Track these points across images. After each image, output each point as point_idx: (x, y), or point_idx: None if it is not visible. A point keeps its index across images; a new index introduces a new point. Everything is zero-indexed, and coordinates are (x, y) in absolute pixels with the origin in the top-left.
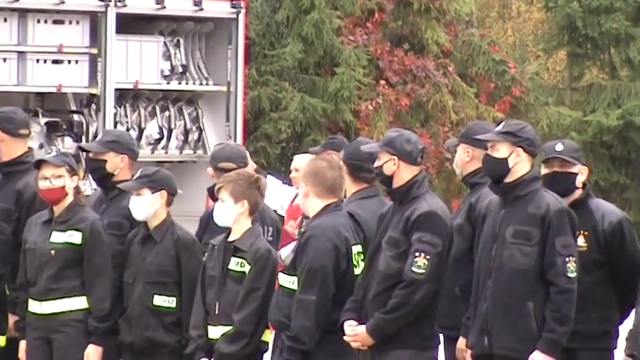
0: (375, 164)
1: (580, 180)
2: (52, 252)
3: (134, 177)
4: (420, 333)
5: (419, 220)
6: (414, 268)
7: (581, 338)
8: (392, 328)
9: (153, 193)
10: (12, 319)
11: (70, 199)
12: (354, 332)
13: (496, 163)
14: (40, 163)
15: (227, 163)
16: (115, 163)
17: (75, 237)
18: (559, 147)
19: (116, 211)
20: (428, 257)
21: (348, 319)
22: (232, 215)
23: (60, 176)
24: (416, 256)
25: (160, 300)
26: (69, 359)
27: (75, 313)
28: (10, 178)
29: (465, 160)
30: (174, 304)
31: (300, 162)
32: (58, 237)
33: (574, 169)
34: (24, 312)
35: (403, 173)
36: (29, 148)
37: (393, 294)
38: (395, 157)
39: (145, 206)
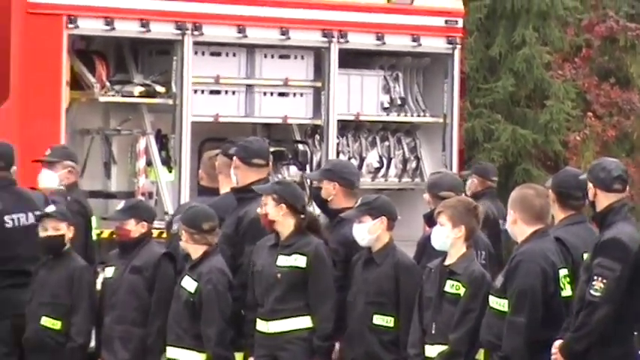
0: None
1: None
2: (278, 275)
3: (355, 205)
4: (607, 353)
5: (602, 246)
6: (591, 291)
7: None
8: (577, 346)
9: (373, 219)
10: None
11: (292, 224)
12: (555, 350)
13: None
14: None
15: (448, 192)
16: (328, 190)
17: (300, 261)
18: None
19: (333, 237)
20: (604, 281)
21: (557, 339)
22: (450, 239)
23: (265, 203)
24: (594, 280)
25: (379, 319)
26: None
27: (300, 332)
28: (240, 203)
29: None
30: (392, 324)
31: None
32: (283, 261)
33: None
34: (252, 331)
35: (601, 199)
36: (265, 176)
37: (580, 315)
38: (591, 185)
39: (367, 232)
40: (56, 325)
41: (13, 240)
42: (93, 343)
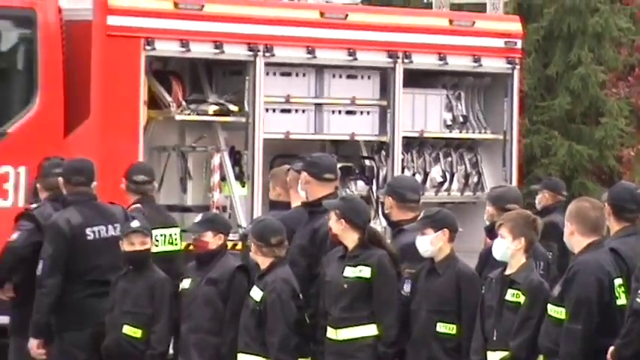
0: None
1: None
2: (345, 285)
3: (418, 218)
4: None
5: None
6: (637, 299)
7: None
8: (625, 352)
9: (436, 231)
10: None
11: (355, 238)
12: (609, 357)
13: None
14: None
15: (513, 204)
16: (386, 204)
17: (364, 272)
18: None
19: (393, 247)
20: None
21: (612, 345)
22: (510, 251)
23: (330, 218)
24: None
25: (442, 327)
26: None
27: (366, 340)
28: (312, 217)
29: None
30: (454, 331)
31: None
32: (349, 272)
33: None
34: (323, 338)
35: None
36: (334, 190)
37: (627, 322)
38: None
39: (429, 244)
40: (137, 333)
41: (93, 251)
42: (171, 351)
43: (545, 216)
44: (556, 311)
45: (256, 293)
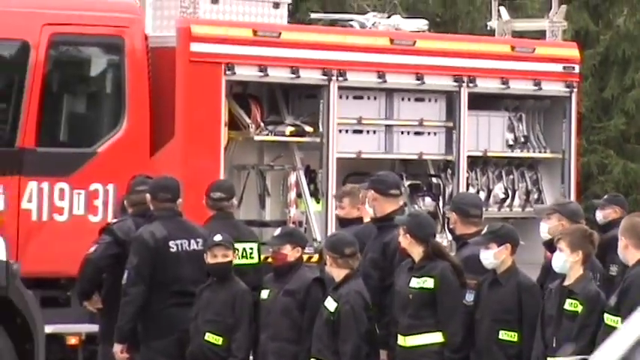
0: None
1: None
2: (410, 296)
3: (482, 232)
4: None
5: None
6: None
7: None
8: None
9: (499, 246)
10: (382, 354)
11: (420, 251)
12: None
13: None
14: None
15: (579, 218)
16: (452, 219)
17: (428, 282)
18: None
19: (457, 259)
20: None
21: None
22: (568, 263)
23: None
24: None
25: (504, 334)
26: None
27: (432, 347)
28: (381, 232)
29: None
30: (516, 339)
31: None
32: (415, 282)
33: None
34: (394, 345)
35: None
36: (401, 205)
37: None
38: None
39: (492, 257)
40: (218, 340)
41: (176, 263)
42: (251, 358)
43: (608, 230)
44: (612, 320)
45: (330, 304)
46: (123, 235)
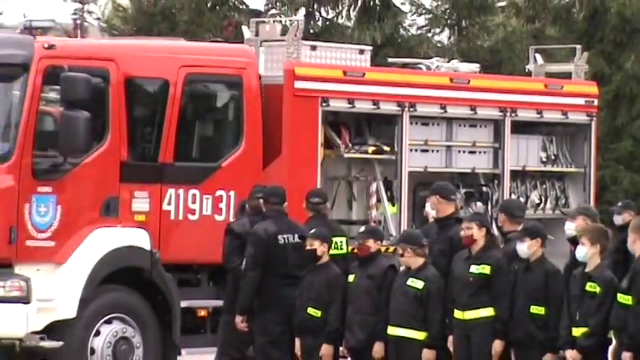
0: None
1: None
2: (470, 279)
3: (519, 229)
4: None
5: None
6: None
7: None
8: None
9: (531, 240)
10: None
11: (483, 242)
12: None
13: None
14: (459, 220)
15: (597, 219)
16: (500, 219)
17: (486, 269)
18: None
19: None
20: None
21: None
22: (589, 254)
23: (469, 228)
24: None
25: (534, 309)
26: (482, 349)
27: (485, 319)
28: (444, 229)
29: None
30: (543, 312)
31: None
32: (474, 269)
33: None
34: (451, 317)
35: None
36: (457, 208)
37: None
38: None
39: (526, 249)
40: (317, 313)
41: (283, 252)
42: None
43: (625, 231)
44: (624, 298)
45: (417, 283)
46: (239, 228)
